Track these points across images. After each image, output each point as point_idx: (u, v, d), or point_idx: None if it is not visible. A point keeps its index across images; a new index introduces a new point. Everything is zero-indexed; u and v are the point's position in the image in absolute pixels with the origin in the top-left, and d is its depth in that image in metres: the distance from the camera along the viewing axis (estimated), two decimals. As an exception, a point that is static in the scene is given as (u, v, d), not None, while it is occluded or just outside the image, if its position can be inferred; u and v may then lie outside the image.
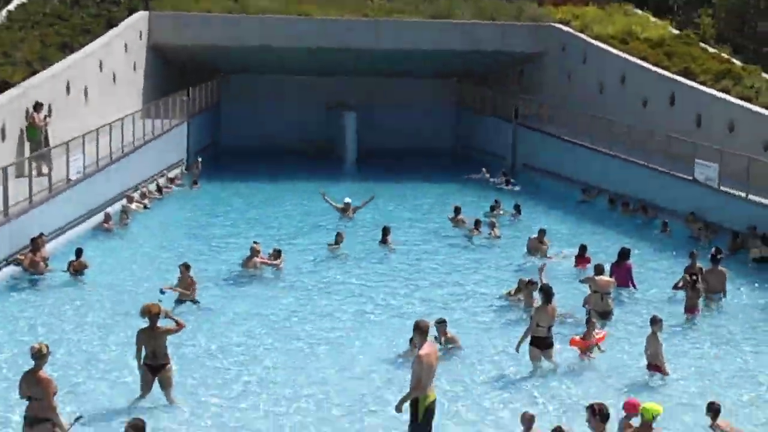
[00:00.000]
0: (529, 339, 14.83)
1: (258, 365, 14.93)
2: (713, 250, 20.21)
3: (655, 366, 14.63)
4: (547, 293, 14.97)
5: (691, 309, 17.99)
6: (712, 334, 17.18)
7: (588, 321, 15.74)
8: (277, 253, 20.91)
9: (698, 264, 19.60)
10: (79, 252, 20.09)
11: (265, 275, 20.38)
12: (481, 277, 21.01)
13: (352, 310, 18.20)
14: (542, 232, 22.65)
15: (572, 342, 15.45)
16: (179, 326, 13.25)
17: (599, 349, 15.42)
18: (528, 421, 12.09)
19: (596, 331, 15.58)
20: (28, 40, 28.55)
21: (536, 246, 22.31)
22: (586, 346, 15.29)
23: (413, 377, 11.20)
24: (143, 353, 12.94)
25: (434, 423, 11.55)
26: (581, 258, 21.49)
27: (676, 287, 19.10)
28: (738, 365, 15.64)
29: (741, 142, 26.57)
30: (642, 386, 14.40)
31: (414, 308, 18.20)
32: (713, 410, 12.54)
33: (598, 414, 9.72)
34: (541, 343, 14.81)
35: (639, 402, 11.48)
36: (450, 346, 15.49)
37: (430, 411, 11.37)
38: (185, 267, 18.22)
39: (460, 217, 26.06)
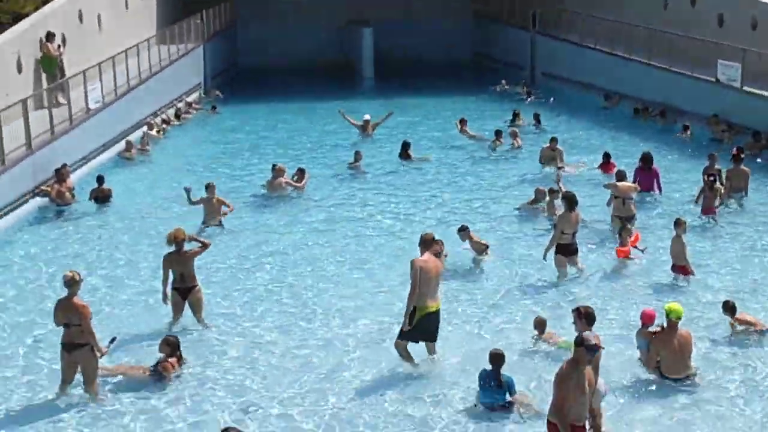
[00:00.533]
0: (554, 247, 14.91)
1: (284, 284, 15.13)
2: (734, 149, 20.12)
3: (680, 267, 14.69)
4: (570, 200, 14.96)
5: (708, 209, 17.94)
6: (732, 234, 17.22)
7: (621, 230, 15.69)
8: (300, 173, 20.98)
9: (717, 165, 19.49)
10: (100, 179, 20.28)
11: (290, 196, 20.46)
12: (504, 187, 21.02)
13: (374, 226, 18.31)
14: (554, 140, 22.57)
15: (618, 253, 15.47)
16: (205, 246, 13.45)
17: (639, 249, 15.46)
18: (540, 324, 12.30)
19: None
20: (39, -31, 28.32)
21: (549, 154, 22.23)
22: (628, 252, 15.32)
23: (411, 286, 11.45)
24: (171, 277, 13.15)
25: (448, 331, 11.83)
26: (606, 165, 21.50)
27: (698, 198, 18.87)
28: (759, 264, 15.68)
29: (765, 40, 26.08)
30: (667, 288, 14.49)
31: (434, 221, 18.28)
32: (728, 308, 12.68)
33: (584, 317, 9.71)
34: (566, 250, 14.88)
35: (655, 312, 11.60)
36: (480, 255, 15.71)
37: (425, 320, 11.49)
38: (211, 188, 18.29)
39: (466, 128, 26.10)
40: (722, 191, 18.36)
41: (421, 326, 11.52)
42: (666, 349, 11.17)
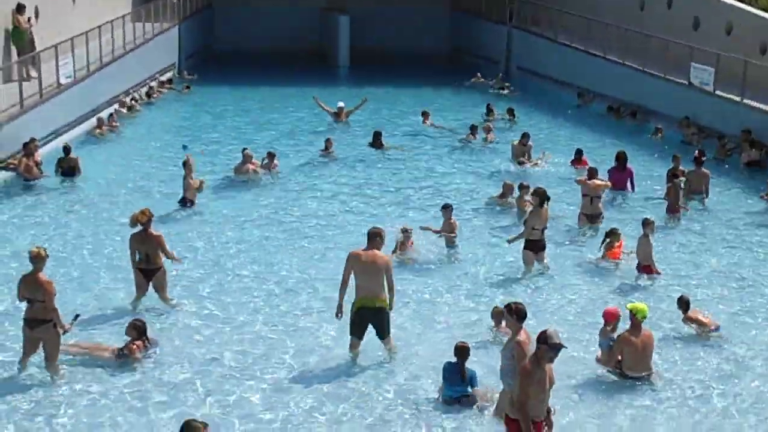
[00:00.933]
0: (523, 242, 14.98)
1: (250, 268, 15.10)
2: (696, 152, 20.41)
3: (645, 267, 14.82)
4: (541, 196, 14.99)
5: (672, 209, 18.15)
6: (692, 233, 17.43)
7: (609, 233, 15.61)
8: (270, 157, 20.92)
9: (681, 167, 19.74)
10: (67, 149, 20.12)
11: (259, 180, 20.37)
12: (474, 181, 21.08)
13: (342, 213, 18.31)
14: (525, 136, 22.47)
15: (610, 255, 15.49)
16: (173, 258, 13.42)
17: (626, 253, 15.55)
18: (497, 316, 12.36)
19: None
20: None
21: (520, 150, 22.26)
22: (618, 254, 15.35)
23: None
24: (137, 257, 13.07)
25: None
26: (578, 161, 21.78)
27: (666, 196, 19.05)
28: (720, 263, 15.90)
29: (738, 46, 26.33)
30: (632, 287, 14.61)
31: (402, 211, 18.33)
32: (683, 303, 12.86)
33: (514, 313, 9.68)
34: (535, 246, 14.94)
35: (618, 310, 11.70)
36: (450, 242, 15.91)
37: (359, 314, 11.45)
38: (186, 164, 18.21)
39: (429, 121, 26.29)
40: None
41: (356, 320, 11.53)
42: (629, 348, 11.28)
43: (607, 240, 15.50)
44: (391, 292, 11.47)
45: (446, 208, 16.13)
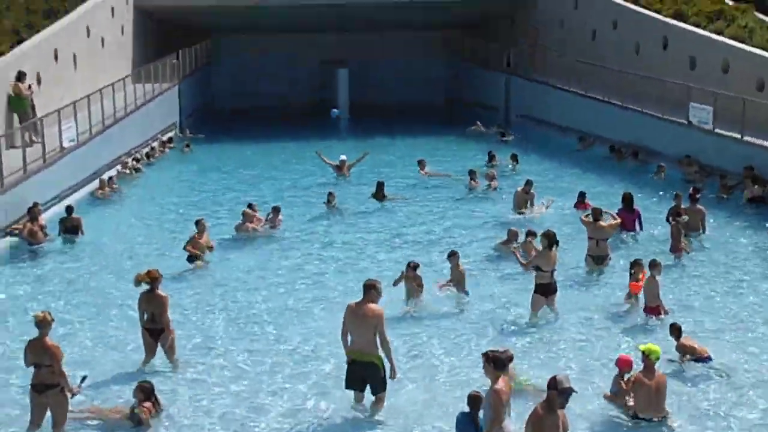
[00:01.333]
0: (533, 286, 14.95)
1: (259, 325, 15.02)
2: (691, 189, 20.53)
3: (652, 308, 14.73)
4: (550, 238, 14.95)
5: (675, 249, 18.18)
6: (691, 272, 17.42)
7: (633, 264, 15.55)
8: (275, 212, 20.98)
9: (683, 205, 19.80)
10: (69, 209, 20.18)
11: (263, 235, 20.37)
12: (478, 228, 21.05)
13: (345, 266, 18.26)
14: (528, 183, 22.21)
15: (632, 288, 15.39)
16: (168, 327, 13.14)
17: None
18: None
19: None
20: (14, 7, 28.29)
21: (523, 198, 22.13)
22: (640, 288, 15.23)
23: None
24: (144, 317, 13.03)
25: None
26: (581, 203, 21.91)
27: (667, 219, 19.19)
28: (721, 301, 15.86)
29: (735, 84, 26.47)
30: (640, 329, 14.50)
31: (409, 259, 18.21)
32: (674, 330, 12.87)
33: (492, 361, 9.61)
34: (545, 290, 14.88)
35: (631, 359, 11.59)
36: (458, 288, 15.86)
37: (351, 367, 11.33)
38: (201, 224, 18.32)
39: (426, 169, 26.56)
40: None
41: (349, 373, 11.40)
42: (642, 390, 11.16)
43: (632, 271, 15.42)
44: (385, 346, 11.16)
45: (453, 255, 16.09)
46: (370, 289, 11.32)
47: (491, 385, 9.54)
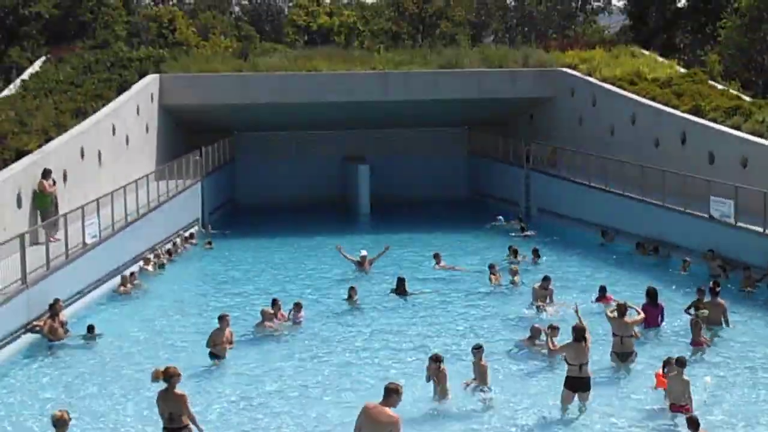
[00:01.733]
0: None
1: (281, 421, 14.84)
2: (711, 283, 20.61)
3: (679, 407, 14.45)
4: (578, 332, 14.95)
5: (695, 342, 18.12)
6: (714, 365, 17.23)
7: (666, 363, 15.49)
8: (297, 307, 20.95)
9: (705, 299, 19.87)
10: (90, 328, 20.07)
11: (285, 331, 20.29)
12: (501, 324, 20.89)
13: (368, 363, 18.13)
14: (547, 279, 22.09)
15: (657, 379, 15.35)
16: (196, 425, 12.93)
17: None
18: None
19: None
20: (43, 107, 28.93)
21: (541, 294, 21.93)
22: (664, 382, 15.03)
23: None
24: (162, 416, 12.87)
25: None
26: (602, 298, 21.91)
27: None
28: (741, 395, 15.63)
29: (755, 178, 26.49)
30: (669, 428, 14.20)
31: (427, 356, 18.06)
32: (692, 423, 12.81)
33: None
34: (575, 384, 14.70)
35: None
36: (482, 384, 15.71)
37: None
38: (223, 319, 18.25)
39: (442, 263, 26.65)
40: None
41: None
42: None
43: (665, 370, 15.30)
44: None
45: (478, 349, 15.93)
46: (392, 393, 11.03)
47: None
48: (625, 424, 14.51)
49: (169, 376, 12.83)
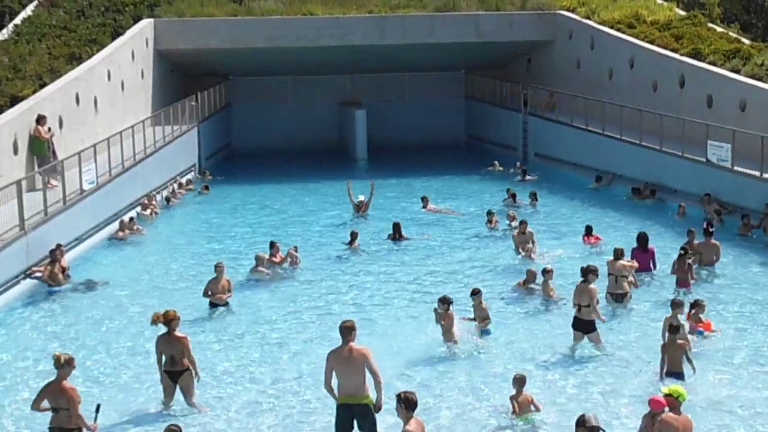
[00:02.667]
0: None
1: (277, 366, 14.97)
2: (705, 223, 20.83)
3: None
4: (583, 272, 15.35)
5: (682, 282, 18.37)
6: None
7: (694, 304, 15.68)
8: (294, 249, 21.03)
9: (696, 240, 20.09)
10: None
11: (284, 276, 20.38)
12: (498, 268, 20.98)
13: (364, 305, 18.29)
14: (523, 223, 21.86)
15: (704, 326, 15.60)
16: (194, 369, 13.07)
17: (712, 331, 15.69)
18: (519, 382, 12.55)
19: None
20: (36, 53, 28.67)
21: (521, 239, 21.60)
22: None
23: None
24: (163, 359, 12.97)
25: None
26: (588, 236, 22.48)
27: (672, 270, 19.01)
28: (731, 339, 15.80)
29: (753, 122, 26.42)
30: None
31: (428, 303, 18.20)
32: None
33: (403, 402, 9.73)
34: (577, 324, 15.09)
35: (663, 400, 11.39)
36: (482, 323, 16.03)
37: (339, 412, 11.18)
38: (220, 267, 18.21)
39: (430, 206, 26.78)
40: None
41: (337, 419, 11.24)
42: (669, 430, 10.99)
43: (692, 311, 15.53)
44: (377, 381, 11.00)
45: (476, 294, 16.07)
46: (351, 331, 11.17)
47: (403, 426, 9.68)
48: (629, 366, 14.63)
49: (169, 319, 12.89)
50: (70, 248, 21.58)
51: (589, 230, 22.73)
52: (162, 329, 13.01)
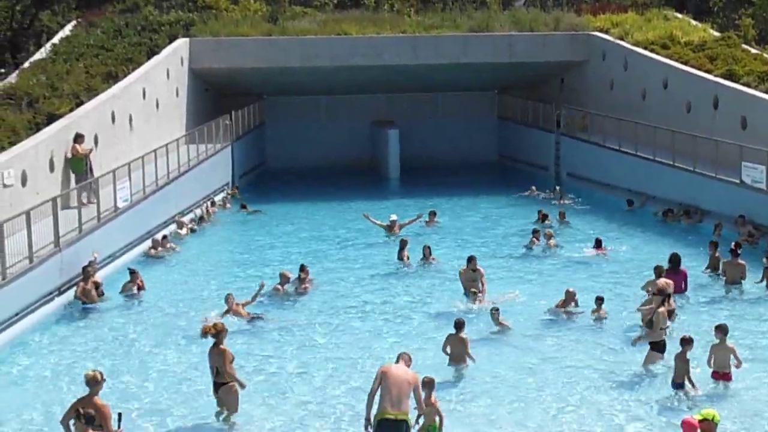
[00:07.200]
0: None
1: (308, 382, 15.04)
2: (732, 243, 21.15)
3: (722, 374, 14.49)
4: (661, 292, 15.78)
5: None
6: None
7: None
8: (304, 270, 20.99)
9: (717, 254, 21.18)
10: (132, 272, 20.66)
11: (313, 293, 20.50)
12: (539, 288, 20.88)
13: (398, 323, 18.37)
14: (472, 260, 20.09)
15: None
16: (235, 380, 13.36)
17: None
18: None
19: None
20: (74, 71, 29.11)
21: (469, 276, 19.91)
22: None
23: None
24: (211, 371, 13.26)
25: None
26: (598, 248, 23.75)
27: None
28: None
29: (788, 143, 26.19)
30: (710, 395, 14.23)
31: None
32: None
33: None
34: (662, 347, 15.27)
35: (696, 422, 11.28)
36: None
37: (381, 426, 11.68)
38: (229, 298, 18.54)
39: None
40: None
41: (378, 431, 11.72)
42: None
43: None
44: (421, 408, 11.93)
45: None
46: (403, 356, 12.34)
47: None
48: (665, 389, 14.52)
49: (217, 331, 13.13)
50: (103, 266, 21.79)
51: (598, 243, 23.77)
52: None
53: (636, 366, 15.38)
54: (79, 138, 24.36)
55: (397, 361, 12.20)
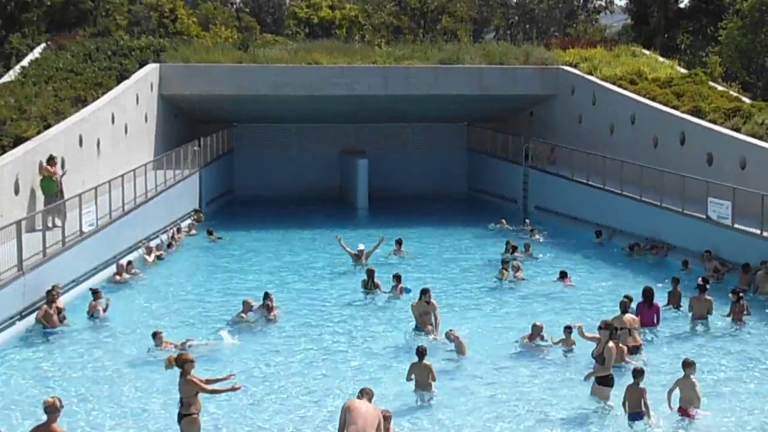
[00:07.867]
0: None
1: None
2: (700, 279, 21.19)
3: (687, 411, 14.44)
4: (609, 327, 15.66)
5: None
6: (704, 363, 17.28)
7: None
8: (267, 298, 20.79)
9: (679, 289, 21.39)
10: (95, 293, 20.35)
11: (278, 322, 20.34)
12: (505, 319, 20.88)
13: (368, 351, 18.29)
14: (426, 293, 19.32)
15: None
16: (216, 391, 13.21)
17: None
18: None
19: None
20: (42, 94, 28.89)
21: (423, 309, 19.15)
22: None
23: None
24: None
25: None
26: (563, 278, 24.25)
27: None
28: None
29: (753, 180, 26.50)
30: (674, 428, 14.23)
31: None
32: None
33: None
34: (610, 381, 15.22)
35: None
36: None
37: None
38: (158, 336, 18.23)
39: (402, 248, 27.96)
40: None
41: None
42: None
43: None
44: None
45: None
46: (368, 392, 12.54)
47: None
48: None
49: (181, 362, 12.88)
50: (66, 290, 21.50)
51: (563, 274, 24.27)
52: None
53: (595, 401, 15.30)
54: (51, 160, 24.17)
55: (360, 396, 12.30)
